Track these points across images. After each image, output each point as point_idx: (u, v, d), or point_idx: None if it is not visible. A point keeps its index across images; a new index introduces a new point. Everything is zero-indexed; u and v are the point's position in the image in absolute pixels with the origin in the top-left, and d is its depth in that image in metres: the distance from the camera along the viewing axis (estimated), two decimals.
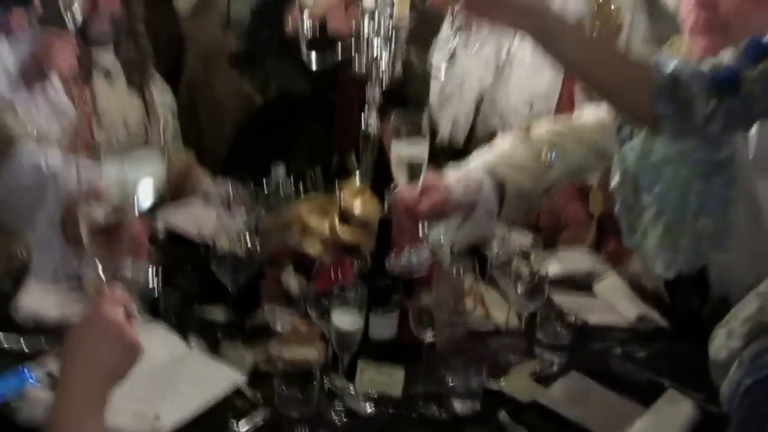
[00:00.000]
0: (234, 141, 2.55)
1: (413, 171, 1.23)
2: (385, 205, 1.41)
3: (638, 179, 1.34)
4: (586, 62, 1.13)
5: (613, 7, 1.89)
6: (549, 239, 1.84)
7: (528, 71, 1.94)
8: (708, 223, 1.21)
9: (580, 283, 1.60)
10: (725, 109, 1.06)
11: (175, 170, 2.00)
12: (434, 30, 2.02)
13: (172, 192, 1.97)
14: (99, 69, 1.88)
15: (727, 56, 1.14)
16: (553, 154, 1.54)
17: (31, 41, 1.69)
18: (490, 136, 1.97)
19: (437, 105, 2.01)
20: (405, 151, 1.21)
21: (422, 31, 1.89)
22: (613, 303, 1.52)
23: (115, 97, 1.91)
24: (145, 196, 1.41)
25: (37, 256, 1.10)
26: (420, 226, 1.32)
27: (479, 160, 1.49)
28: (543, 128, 1.58)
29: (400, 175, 1.24)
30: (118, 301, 0.90)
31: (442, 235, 1.42)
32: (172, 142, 2.09)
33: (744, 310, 1.04)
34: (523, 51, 1.94)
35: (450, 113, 1.99)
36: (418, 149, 1.22)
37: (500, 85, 1.95)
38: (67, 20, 1.65)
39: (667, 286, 1.49)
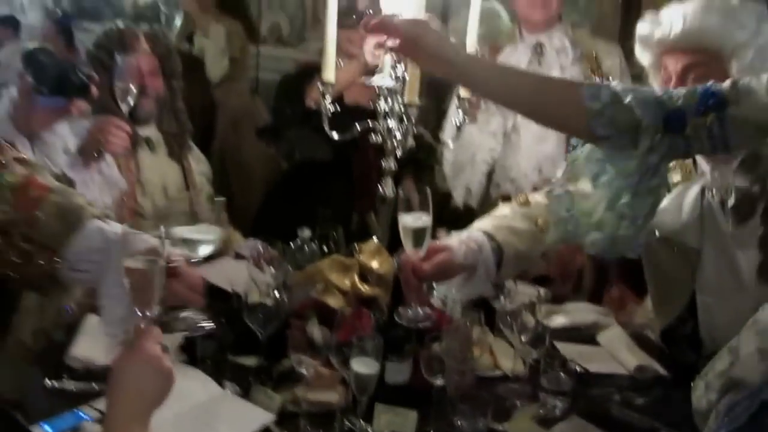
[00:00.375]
0: (263, 203, 2.71)
1: (418, 238, 1.35)
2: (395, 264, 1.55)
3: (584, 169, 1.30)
4: (506, 91, 1.22)
5: (603, 74, 2.08)
6: (557, 290, 1.97)
7: (534, 138, 2.11)
8: (628, 228, 1.20)
9: (585, 334, 1.71)
10: (668, 143, 1.13)
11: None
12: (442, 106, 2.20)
13: None
14: (143, 142, 2.07)
15: (681, 89, 1.19)
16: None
17: (89, 125, 1.87)
18: (504, 200, 2.14)
19: (451, 174, 2.17)
20: (410, 221, 1.34)
21: (432, 108, 2.08)
22: (615, 353, 1.62)
23: (156, 167, 2.09)
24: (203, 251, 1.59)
25: (106, 309, 1.25)
26: (425, 284, 1.45)
27: (481, 225, 1.59)
28: (541, 194, 1.70)
29: (406, 242, 1.38)
30: (155, 338, 1.04)
31: (446, 292, 1.55)
32: (206, 204, 2.26)
33: (718, 364, 1.10)
34: (528, 122, 2.11)
35: (463, 181, 2.15)
36: (423, 221, 1.34)
37: (509, 153, 2.11)
38: (122, 107, 1.84)
39: (664, 341, 1.59)
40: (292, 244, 1.69)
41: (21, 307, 1.91)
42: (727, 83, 1.13)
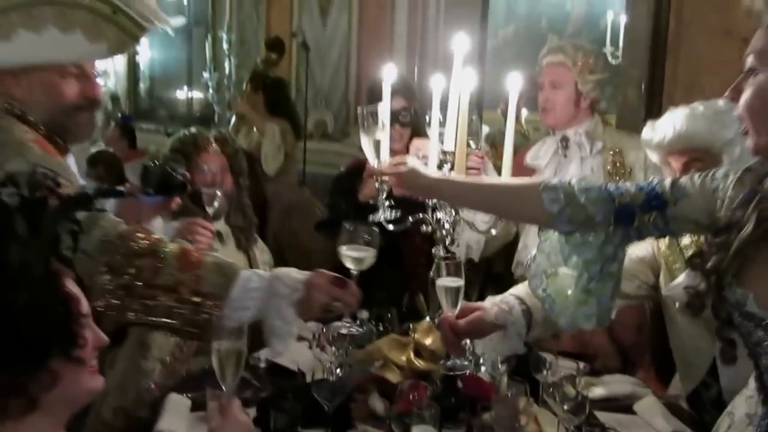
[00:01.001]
0: None
1: (454, 298, 1.55)
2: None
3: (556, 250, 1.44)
4: (474, 204, 1.52)
5: (626, 166, 2.27)
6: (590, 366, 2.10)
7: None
8: (594, 305, 1.32)
9: (622, 404, 1.83)
10: (621, 234, 1.28)
11: None
12: None
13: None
14: (214, 236, 2.29)
15: (631, 186, 1.32)
16: None
17: (177, 224, 2.07)
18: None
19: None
20: (447, 283, 1.55)
21: None
22: (650, 420, 1.73)
23: (225, 258, 2.30)
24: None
25: (276, 329, 1.46)
26: (461, 340, 1.61)
27: (515, 290, 1.72)
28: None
29: (443, 302, 1.57)
30: (239, 407, 1.24)
31: (483, 350, 1.71)
32: None
33: (721, 427, 1.22)
34: None
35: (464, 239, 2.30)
36: (457, 283, 1.55)
37: (532, 237, 2.29)
38: (208, 210, 2.07)
39: (691, 406, 1.71)
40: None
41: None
42: (668, 183, 1.27)
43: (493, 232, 1.88)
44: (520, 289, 1.76)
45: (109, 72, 6.43)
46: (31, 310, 0.91)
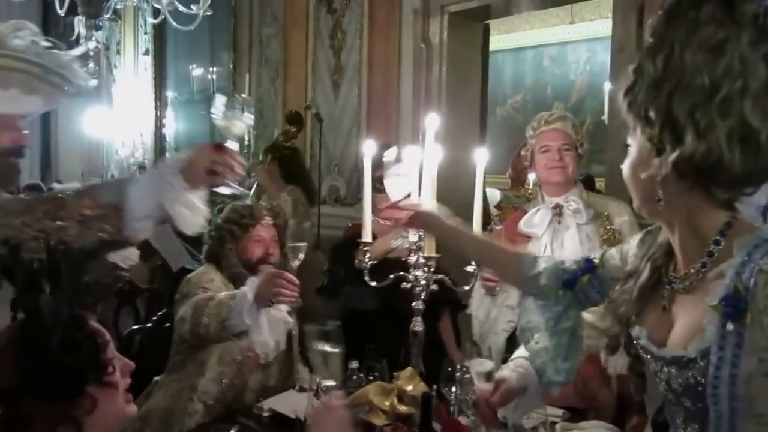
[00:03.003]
0: None
1: (488, 378, 1.77)
2: (434, 388, 1.91)
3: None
4: (474, 256, 1.77)
5: (615, 229, 2.43)
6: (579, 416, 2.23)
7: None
8: (558, 362, 1.53)
9: None
10: (569, 297, 1.50)
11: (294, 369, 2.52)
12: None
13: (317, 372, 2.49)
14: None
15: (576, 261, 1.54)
16: None
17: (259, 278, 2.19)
18: None
19: (479, 339, 2.51)
20: (478, 367, 1.80)
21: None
22: None
23: (274, 322, 2.40)
24: None
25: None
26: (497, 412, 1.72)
27: (520, 352, 1.79)
28: None
29: (477, 381, 1.78)
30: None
31: (505, 413, 1.86)
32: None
33: None
34: None
35: (488, 344, 2.48)
36: (486, 365, 1.81)
37: None
38: (293, 264, 2.27)
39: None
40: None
41: None
42: (599, 254, 1.51)
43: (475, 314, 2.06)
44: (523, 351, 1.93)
45: (137, 145, 6.85)
46: (65, 346, 1.12)
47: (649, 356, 1.23)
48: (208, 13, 3.85)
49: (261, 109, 5.24)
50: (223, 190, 1.66)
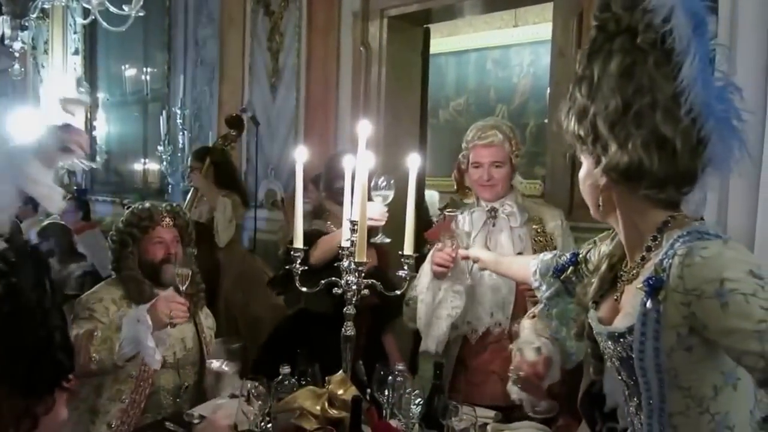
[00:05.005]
0: (260, 349, 3.12)
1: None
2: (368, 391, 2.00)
3: None
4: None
5: (547, 234, 2.56)
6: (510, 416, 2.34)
7: (490, 289, 2.56)
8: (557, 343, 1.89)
9: None
10: (557, 285, 1.83)
11: (212, 373, 2.57)
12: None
13: (210, 391, 2.54)
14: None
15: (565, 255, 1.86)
16: None
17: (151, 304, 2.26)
18: (460, 338, 2.60)
19: (424, 327, 2.60)
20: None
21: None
22: None
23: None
24: None
25: None
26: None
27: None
28: None
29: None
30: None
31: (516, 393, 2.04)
32: (214, 352, 2.64)
33: None
34: (483, 273, 2.56)
35: (433, 332, 2.57)
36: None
37: (468, 301, 2.55)
38: (181, 288, 2.28)
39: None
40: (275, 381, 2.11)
41: None
42: (584, 250, 1.77)
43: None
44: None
45: None
46: (63, 342, 1.15)
47: (599, 336, 1.44)
48: (141, 14, 3.84)
49: (196, 111, 5.24)
50: (75, 166, 1.86)
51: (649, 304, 1.25)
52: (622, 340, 1.32)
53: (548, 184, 3.55)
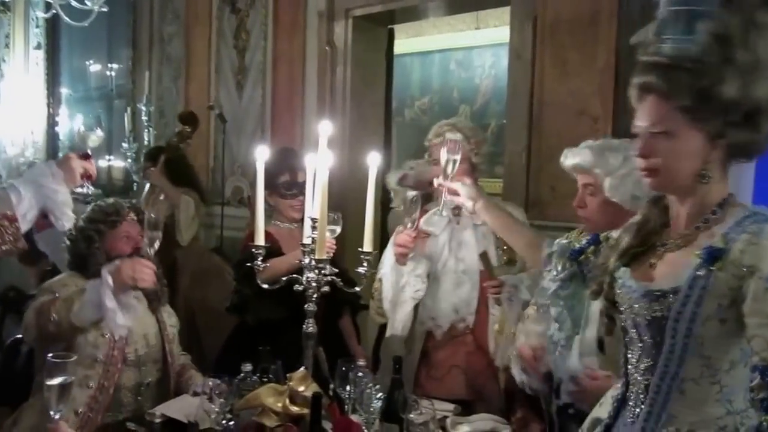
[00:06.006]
0: (223, 348, 3.09)
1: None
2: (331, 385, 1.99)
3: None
4: (502, 232, 2.24)
5: None
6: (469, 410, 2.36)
7: (452, 284, 2.57)
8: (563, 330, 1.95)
9: None
10: (571, 268, 1.89)
11: (175, 371, 2.55)
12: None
13: (174, 387, 2.50)
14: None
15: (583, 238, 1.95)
16: None
17: (119, 261, 2.25)
18: (424, 333, 2.57)
19: (390, 310, 2.60)
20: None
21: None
22: None
23: (139, 320, 2.42)
24: None
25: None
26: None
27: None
28: None
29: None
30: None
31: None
32: (177, 350, 2.64)
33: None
34: (447, 270, 2.57)
35: (398, 316, 2.58)
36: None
37: (432, 295, 2.56)
38: (150, 251, 2.23)
39: None
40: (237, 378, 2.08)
41: None
42: (604, 233, 1.81)
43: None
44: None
45: (27, 143, 6.56)
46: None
47: (626, 294, 1.46)
48: (104, 9, 3.76)
49: (162, 108, 5.16)
50: (84, 190, 2.12)
51: (702, 270, 1.31)
52: (661, 299, 1.37)
53: (506, 183, 3.57)
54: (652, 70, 1.38)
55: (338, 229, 2.23)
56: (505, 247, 2.56)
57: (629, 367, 1.49)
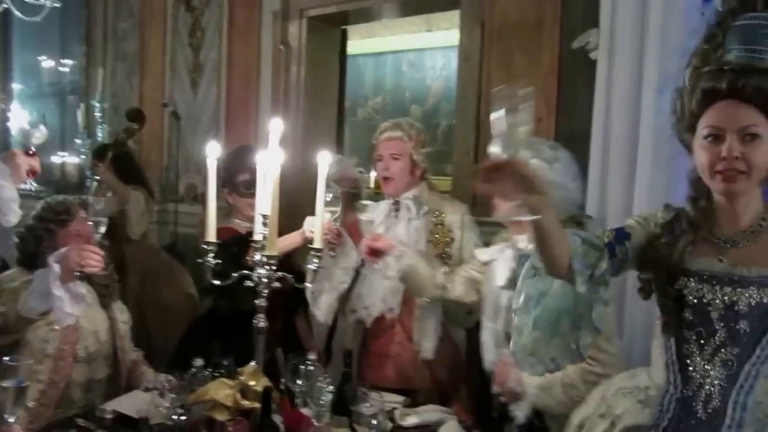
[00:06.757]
0: (178, 344, 3.03)
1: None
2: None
3: (528, 302, 1.63)
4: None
5: (444, 226, 2.60)
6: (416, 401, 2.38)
7: (380, 276, 2.58)
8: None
9: (431, 429, 2.11)
10: (609, 264, 1.51)
11: (126, 367, 2.49)
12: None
13: (125, 383, 2.44)
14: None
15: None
16: None
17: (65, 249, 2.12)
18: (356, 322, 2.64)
19: (312, 300, 2.60)
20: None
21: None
22: None
23: (89, 316, 2.38)
24: None
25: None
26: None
27: None
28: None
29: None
30: None
31: None
32: (128, 346, 2.57)
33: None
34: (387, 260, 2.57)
35: (321, 305, 2.58)
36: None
37: (362, 285, 2.57)
38: (96, 236, 2.15)
39: None
40: (189, 373, 2.04)
41: None
42: (625, 224, 1.63)
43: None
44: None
45: None
46: None
47: (711, 285, 1.49)
48: (57, 5, 3.65)
49: (116, 105, 5.03)
50: (28, 186, 1.94)
51: None
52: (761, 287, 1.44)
53: (454, 181, 3.60)
54: (738, 76, 1.43)
55: (338, 210, 2.27)
56: (432, 239, 2.58)
57: (692, 361, 1.50)
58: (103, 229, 2.17)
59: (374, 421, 1.95)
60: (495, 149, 1.37)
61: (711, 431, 1.48)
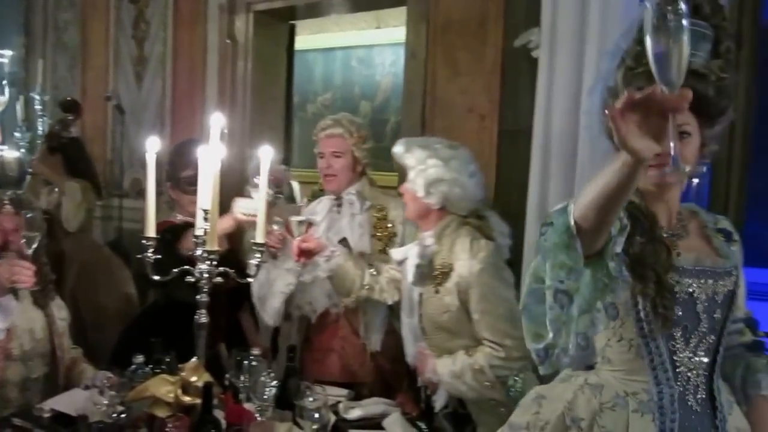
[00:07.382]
0: (119, 339, 2.95)
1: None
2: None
3: None
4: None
5: (388, 221, 2.60)
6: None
7: (307, 276, 2.56)
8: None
9: (375, 422, 2.11)
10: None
11: (65, 365, 2.41)
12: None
13: (64, 381, 2.37)
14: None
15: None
16: None
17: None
18: (304, 318, 2.62)
19: (258, 303, 2.57)
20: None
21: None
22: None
23: (24, 314, 2.29)
24: None
25: None
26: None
27: None
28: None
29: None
30: None
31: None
32: (67, 344, 2.50)
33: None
34: (320, 262, 2.55)
35: (268, 307, 2.55)
36: None
37: (305, 284, 2.55)
38: (28, 252, 2.10)
39: None
40: (129, 370, 1.99)
41: None
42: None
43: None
44: None
45: None
46: None
47: (699, 279, 1.50)
48: None
49: (57, 98, 4.85)
50: None
51: (733, 246, 1.57)
52: (726, 276, 1.51)
53: (401, 176, 3.60)
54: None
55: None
56: (375, 234, 2.59)
57: (679, 357, 1.47)
58: (35, 245, 2.13)
59: (317, 415, 1.93)
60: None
61: (708, 421, 1.48)
